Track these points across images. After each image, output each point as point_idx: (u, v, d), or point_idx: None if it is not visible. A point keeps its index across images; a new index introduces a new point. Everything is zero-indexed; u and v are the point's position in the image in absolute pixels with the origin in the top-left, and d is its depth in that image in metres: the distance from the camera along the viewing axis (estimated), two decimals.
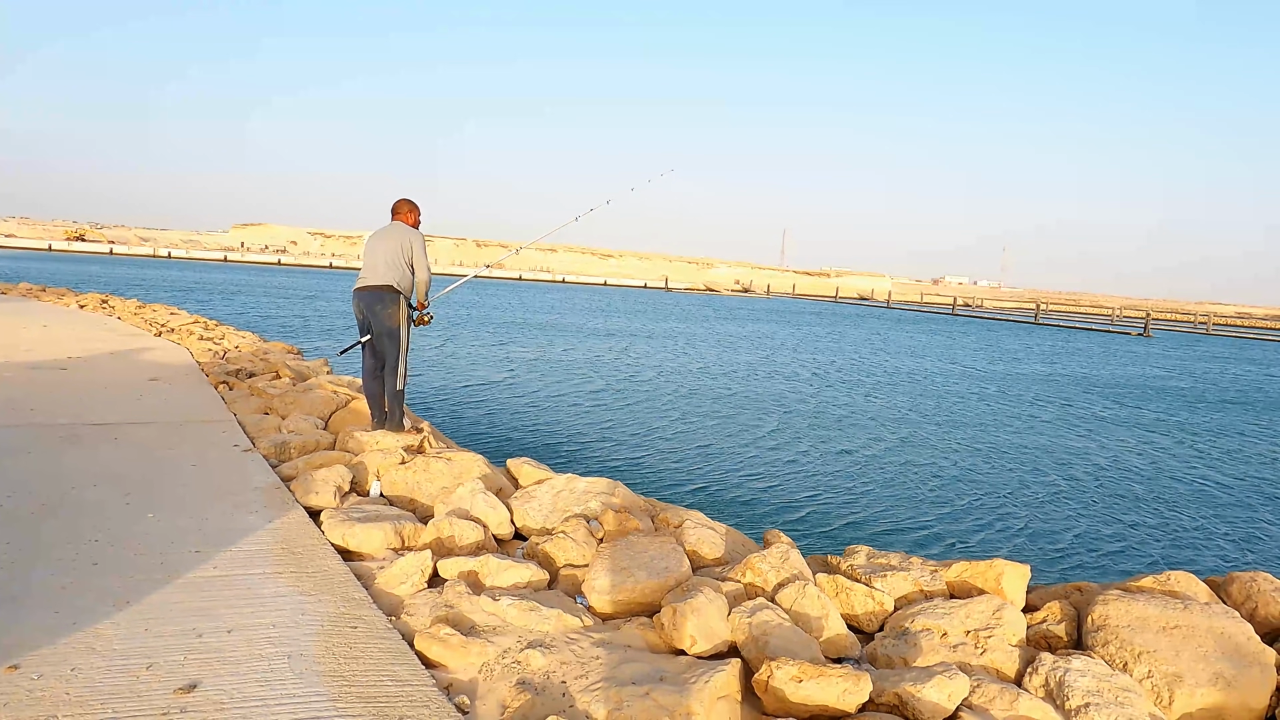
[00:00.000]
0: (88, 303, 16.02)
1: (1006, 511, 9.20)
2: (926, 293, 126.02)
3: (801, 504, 8.91)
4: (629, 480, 8.23)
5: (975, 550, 7.73)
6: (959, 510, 9.11)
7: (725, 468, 10.29)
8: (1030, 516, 9.07)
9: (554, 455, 10.28)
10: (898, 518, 8.67)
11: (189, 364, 9.21)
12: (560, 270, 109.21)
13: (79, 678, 2.64)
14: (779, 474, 10.14)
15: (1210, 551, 8.34)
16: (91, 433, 5.68)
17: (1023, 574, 3.95)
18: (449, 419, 12.25)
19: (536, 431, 11.85)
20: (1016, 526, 8.68)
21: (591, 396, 15.43)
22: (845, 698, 2.78)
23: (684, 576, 3.71)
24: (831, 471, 10.48)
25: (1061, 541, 8.28)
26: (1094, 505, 9.72)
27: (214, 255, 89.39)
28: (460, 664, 3.02)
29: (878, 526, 8.31)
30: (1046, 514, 9.22)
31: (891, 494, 9.58)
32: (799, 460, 10.98)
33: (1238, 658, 3.27)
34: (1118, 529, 8.85)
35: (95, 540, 3.75)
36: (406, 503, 4.82)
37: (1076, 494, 10.19)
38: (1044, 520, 8.97)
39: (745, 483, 9.61)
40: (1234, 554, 8.30)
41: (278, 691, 2.64)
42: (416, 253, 5.81)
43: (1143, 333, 54.68)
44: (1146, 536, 8.65)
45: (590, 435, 11.81)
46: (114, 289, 28.47)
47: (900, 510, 8.96)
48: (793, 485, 9.65)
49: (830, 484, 9.85)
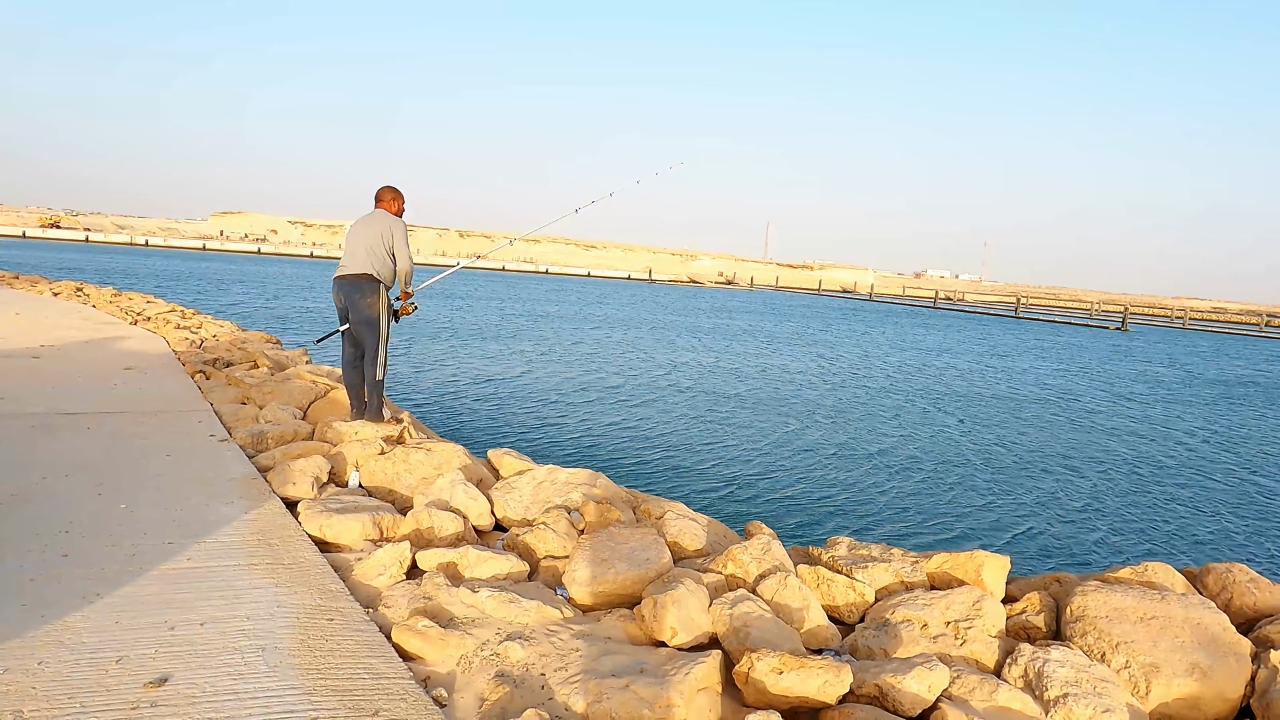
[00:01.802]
0: (62, 291, 15.77)
1: (987, 503, 9.26)
2: (909, 286, 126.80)
3: (784, 496, 8.92)
4: (611, 471, 8.21)
5: (956, 542, 7.77)
6: (940, 502, 9.16)
7: (708, 459, 10.29)
8: (1011, 508, 9.14)
9: (536, 446, 10.24)
10: (880, 509, 8.71)
11: (165, 353, 9.07)
12: (543, 261, 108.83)
13: (46, 671, 2.58)
14: (762, 465, 10.16)
15: (1187, 543, 8.43)
16: (64, 422, 5.57)
17: (1003, 565, 3.96)
18: (429, 409, 12.17)
19: (518, 422, 11.79)
20: (997, 518, 8.74)
21: (574, 387, 15.38)
22: (826, 689, 2.77)
23: (665, 568, 3.69)
24: (814, 463, 10.50)
25: (1041, 533, 8.34)
26: (1074, 497, 9.81)
27: (193, 243, 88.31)
28: (438, 656, 2.99)
29: (860, 518, 8.34)
30: (1027, 506, 9.29)
31: (874, 486, 9.62)
32: (782, 452, 11.00)
33: (1214, 648, 3.29)
34: (1097, 521, 8.93)
35: (66, 531, 3.68)
36: (385, 494, 4.77)
37: (1057, 486, 10.28)
38: (1024, 512, 9.04)
39: (728, 474, 9.61)
40: (1210, 545, 8.40)
41: (251, 685, 2.60)
42: (398, 241, 5.73)
43: (1121, 327, 55.27)
44: (1125, 528, 8.74)
45: (572, 426, 11.77)
46: (90, 278, 28.04)
47: (882, 502, 9.00)
48: (775, 477, 9.66)
49: (813, 476, 9.87)
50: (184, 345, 9.53)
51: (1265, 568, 7.69)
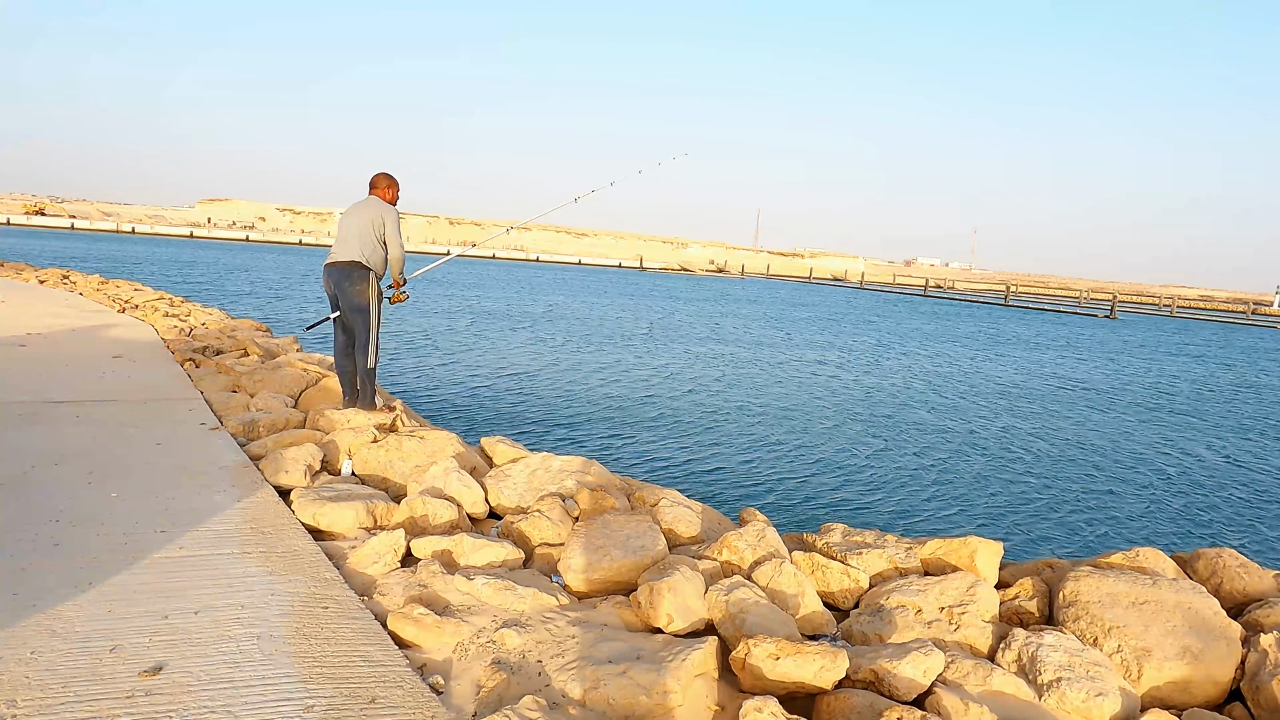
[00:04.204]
0: (48, 278, 15.62)
1: (981, 489, 9.32)
2: (899, 274, 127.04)
3: (779, 483, 8.95)
4: (605, 459, 8.22)
5: (950, 528, 7.81)
6: (935, 489, 9.21)
7: (703, 446, 10.30)
8: (1004, 494, 9.19)
9: (530, 433, 10.23)
10: (874, 496, 8.75)
11: (154, 341, 9.00)
12: (534, 249, 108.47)
13: (39, 661, 2.56)
14: (756, 453, 10.18)
15: (1178, 528, 8.51)
16: (52, 411, 5.52)
17: (996, 551, 3.98)
18: (423, 397, 12.13)
19: (512, 409, 11.77)
20: (991, 504, 8.79)
21: (568, 375, 15.36)
22: (822, 675, 2.78)
23: (660, 555, 3.69)
24: (809, 450, 10.53)
25: (1035, 519, 8.40)
26: (1067, 483, 9.87)
27: (180, 231, 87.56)
28: (434, 644, 2.98)
29: (854, 505, 8.38)
30: (1020, 492, 9.35)
31: (869, 473, 9.66)
32: (776, 439, 11.02)
33: (1204, 632, 3.32)
34: (1090, 506, 9.00)
35: (56, 520, 3.65)
36: (379, 482, 4.75)
37: (1050, 473, 10.34)
38: (1018, 498, 9.10)
39: (723, 461, 9.63)
40: (1201, 530, 8.48)
41: (247, 673, 2.59)
42: (390, 228, 5.65)
43: (1109, 314, 55.56)
44: (1117, 514, 8.81)
45: (567, 413, 11.76)
46: (76, 265, 27.78)
47: (877, 489, 9.03)
48: (770, 464, 9.69)
49: (808, 463, 9.90)
50: (173, 333, 9.46)
51: (1255, 553, 7.77)
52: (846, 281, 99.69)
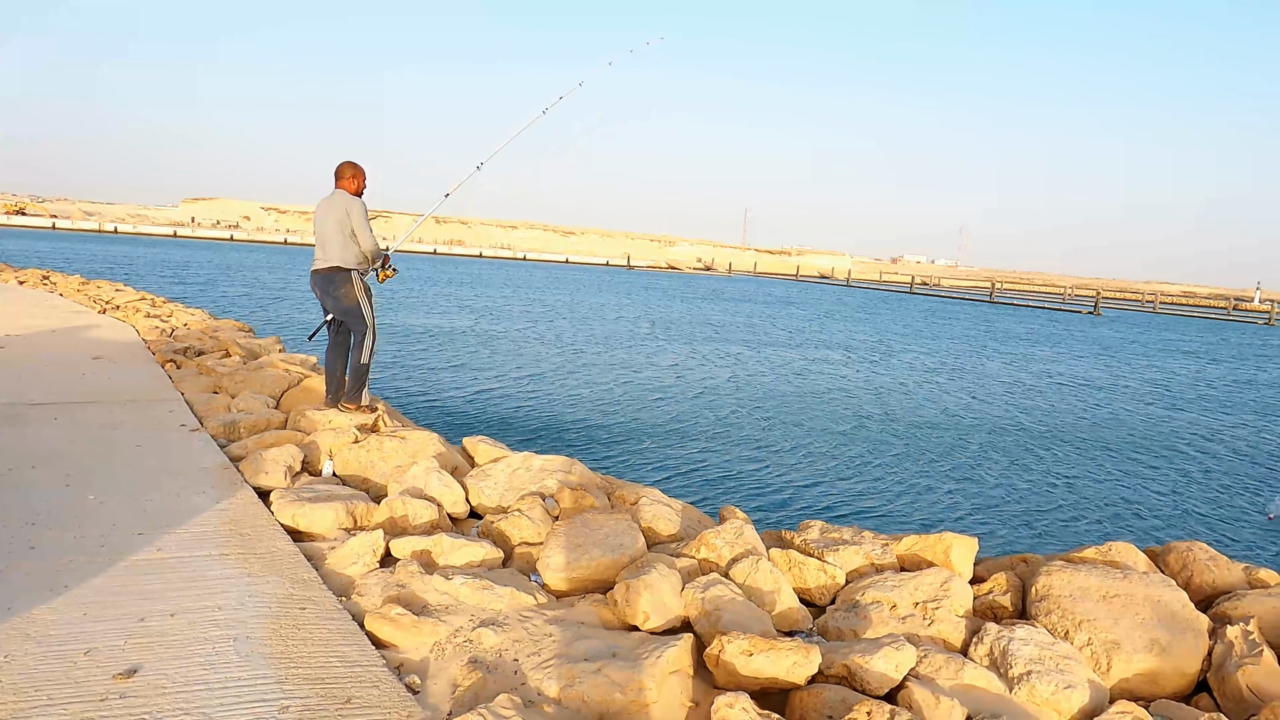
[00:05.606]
0: (28, 279, 15.48)
1: (957, 486, 9.40)
2: (885, 271, 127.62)
3: (758, 480, 8.99)
4: (586, 458, 8.23)
5: (931, 523, 7.88)
6: (912, 486, 9.28)
7: (684, 445, 10.33)
8: (980, 490, 9.27)
9: (512, 433, 10.23)
10: (852, 493, 8.81)
11: (134, 342, 8.95)
12: (521, 248, 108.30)
13: (12, 665, 2.56)
14: (736, 451, 10.22)
15: (1153, 522, 8.61)
16: (31, 412, 5.49)
17: (970, 546, 4.03)
18: (404, 397, 12.12)
19: (494, 409, 11.77)
20: (967, 500, 8.87)
21: (550, 374, 15.36)
22: (795, 670, 2.82)
23: (639, 553, 3.72)
24: (788, 448, 10.59)
25: (1010, 514, 8.48)
26: (1041, 479, 9.97)
27: (163, 230, 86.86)
28: (411, 643, 2.99)
29: (833, 502, 8.43)
30: (996, 488, 9.43)
31: (846, 470, 9.72)
32: (756, 437, 11.07)
33: (1173, 624, 3.38)
34: (1065, 502, 9.09)
35: (33, 523, 3.64)
36: (359, 482, 4.75)
37: (1025, 468, 10.44)
38: (993, 494, 9.18)
39: (703, 460, 9.66)
40: (1173, 524, 8.59)
41: (222, 674, 2.59)
42: (357, 222, 5.53)
43: (1093, 311, 56.00)
44: (1092, 509, 8.91)
45: (549, 413, 11.77)
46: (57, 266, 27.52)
47: (855, 486, 9.10)
48: (749, 462, 9.73)
49: (786, 461, 9.95)
50: (154, 334, 9.40)
51: (1228, 545, 7.87)
52: (833, 279, 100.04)
